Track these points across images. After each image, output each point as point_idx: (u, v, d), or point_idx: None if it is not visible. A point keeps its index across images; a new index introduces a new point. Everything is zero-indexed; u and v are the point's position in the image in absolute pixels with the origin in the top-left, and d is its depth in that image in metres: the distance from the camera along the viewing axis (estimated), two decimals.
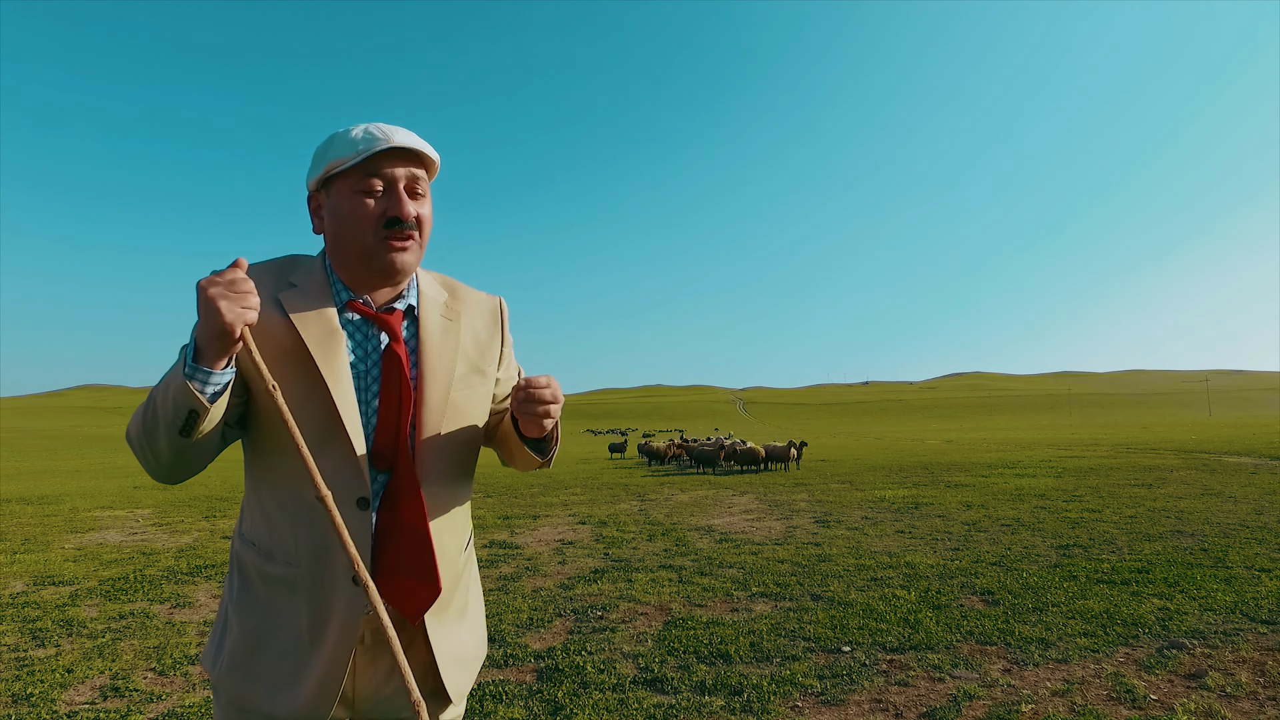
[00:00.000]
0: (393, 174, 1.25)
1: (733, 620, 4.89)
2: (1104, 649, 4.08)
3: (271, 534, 1.26)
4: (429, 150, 1.28)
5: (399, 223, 1.25)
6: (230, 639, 1.29)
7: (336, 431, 1.23)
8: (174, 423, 1.11)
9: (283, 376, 1.20)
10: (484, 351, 1.41)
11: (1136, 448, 25.45)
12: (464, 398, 1.34)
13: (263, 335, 1.20)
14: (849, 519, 9.71)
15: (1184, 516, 8.99)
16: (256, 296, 1.12)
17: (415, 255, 1.29)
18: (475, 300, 1.45)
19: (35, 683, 3.90)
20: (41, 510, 12.38)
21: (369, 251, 1.25)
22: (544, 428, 1.30)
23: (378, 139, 1.23)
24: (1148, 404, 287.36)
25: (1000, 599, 5.24)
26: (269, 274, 1.29)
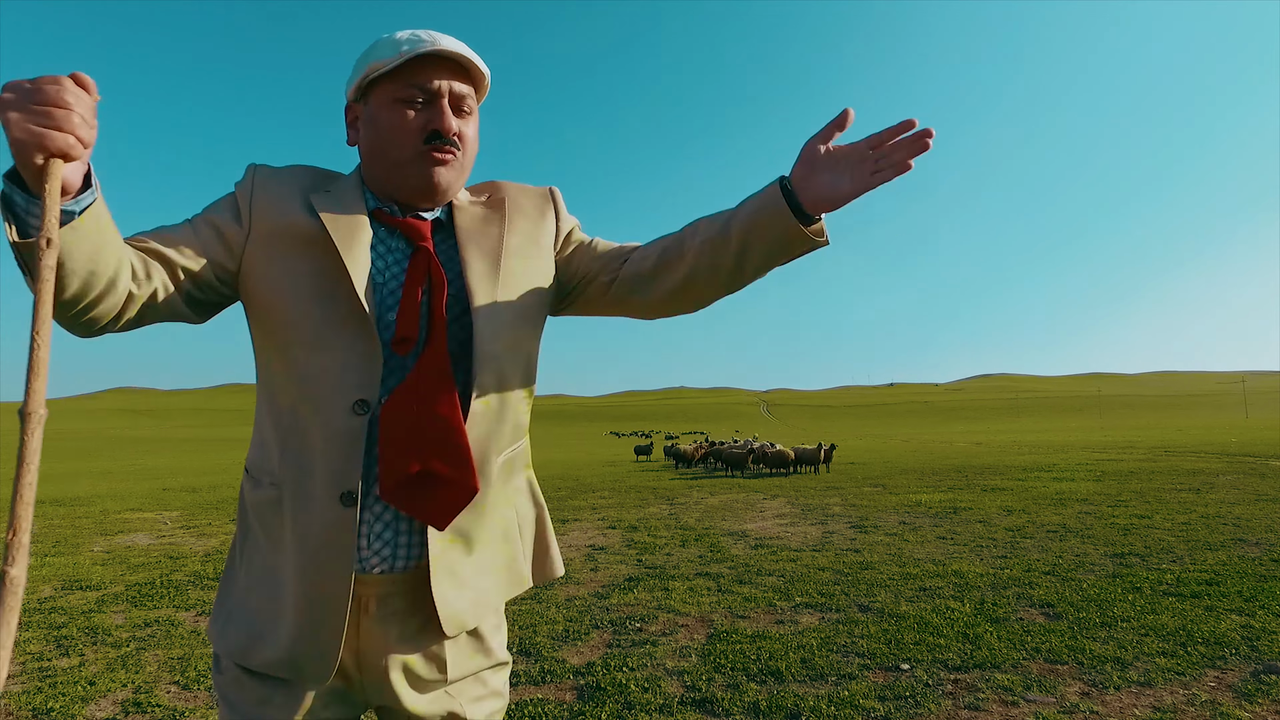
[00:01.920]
0: (437, 85, 1.13)
1: (779, 633, 4.64)
2: (1189, 671, 3.76)
3: (263, 454, 1.13)
4: (478, 62, 1.15)
5: (440, 137, 1.13)
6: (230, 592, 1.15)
7: (346, 325, 1.08)
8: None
9: (302, 271, 1.10)
10: (535, 231, 1.27)
11: (1175, 450, 24.73)
12: (520, 275, 1.20)
13: (286, 227, 1.12)
14: (886, 524, 9.40)
15: (1243, 524, 8.57)
16: (71, 117, 0.79)
17: (456, 173, 1.17)
18: (521, 190, 1.32)
19: (57, 695, 3.75)
20: (72, 512, 12.43)
21: (406, 164, 1.14)
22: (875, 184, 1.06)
23: (423, 42, 1.10)
24: (1181, 405, 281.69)
25: (1062, 612, 4.94)
26: (306, 175, 1.20)
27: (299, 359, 1.09)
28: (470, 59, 1.13)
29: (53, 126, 0.78)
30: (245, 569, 1.14)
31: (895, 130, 1.03)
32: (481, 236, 1.20)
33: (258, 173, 1.18)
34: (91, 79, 0.83)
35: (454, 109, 1.15)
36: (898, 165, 1.03)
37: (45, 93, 0.78)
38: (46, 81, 0.79)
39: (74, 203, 0.86)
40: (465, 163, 1.19)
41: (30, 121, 0.77)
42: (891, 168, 1.03)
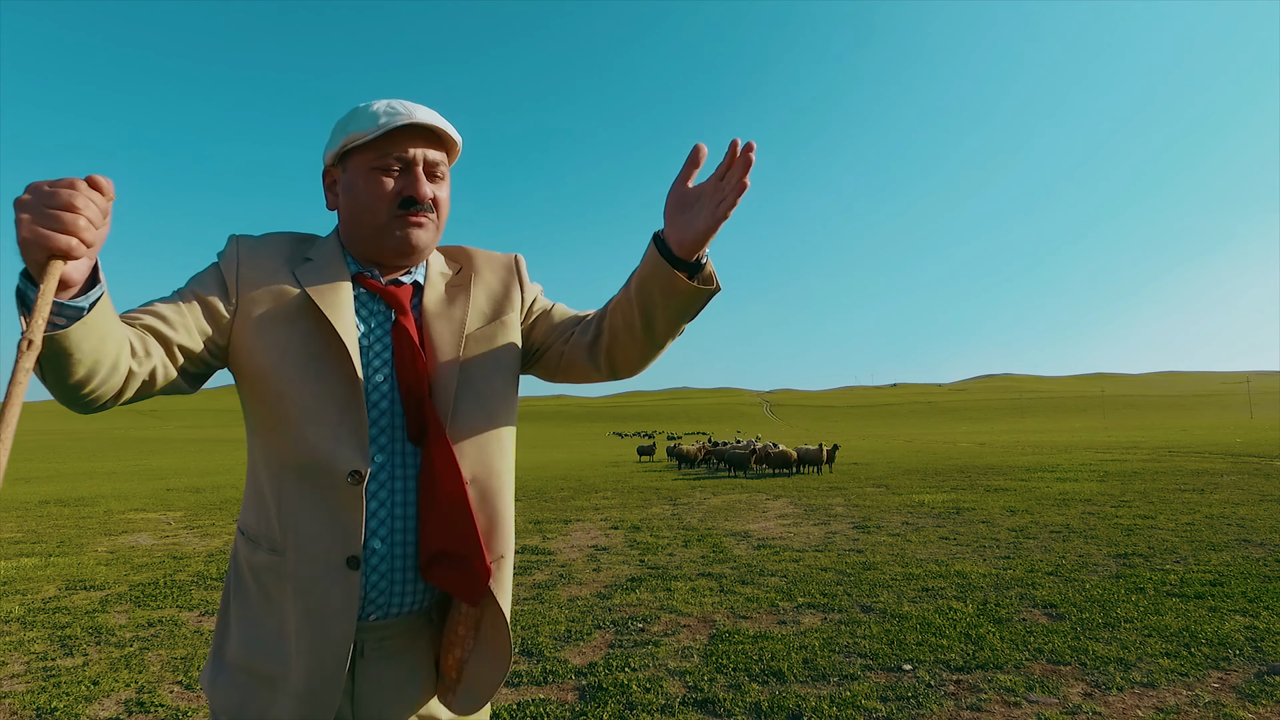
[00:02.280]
0: (411, 154, 1.19)
1: (781, 634, 4.63)
2: (1193, 672, 3.75)
3: (261, 519, 1.16)
4: (450, 131, 1.22)
5: (414, 203, 1.19)
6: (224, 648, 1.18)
7: (338, 396, 1.13)
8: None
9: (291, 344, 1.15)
10: (500, 303, 1.31)
11: (1179, 450, 24.66)
12: (483, 353, 1.25)
13: (273, 300, 1.16)
14: (889, 524, 9.39)
15: (1247, 524, 8.54)
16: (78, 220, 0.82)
17: (431, 235, 1.24)
18: (488, 260, 1.37)
19: (61, 695, 3.77)
20: (77, 512, 12.46)
21: (383, 228, 1.20)
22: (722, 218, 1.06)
23: (399, 114, 1.17)
24: (1185, 405, 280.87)
25: (1065, 613, 4.93)
26: (287, 244, 1.25)
27: (293, 431, 1.12)
28: (443, 128, 1.20)
29: (57, 229, 0.81)
30: (241, 628, 1.16)
31: (728, 156, 1.06)
32: (448, 311, 1.25)
33: (240, 245, 1.22)
34: (108, 180, 0.87)
35: (428, 175, 1.22)
36: (736, 187, 1.05)
37: (58, 196, 0.82)
38: (62, 185, 0.83)
39: (84, 299, 0.89)
40: (439, 224, 1.26)
41: (37, 223, 0.81)
42: (733, 191, 1.05)
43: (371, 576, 1.14)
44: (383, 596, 1.15)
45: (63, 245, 0.82)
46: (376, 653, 1.17)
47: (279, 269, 1.20)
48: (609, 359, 1.26)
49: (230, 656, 1.16)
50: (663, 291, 1.12)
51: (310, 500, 1.12)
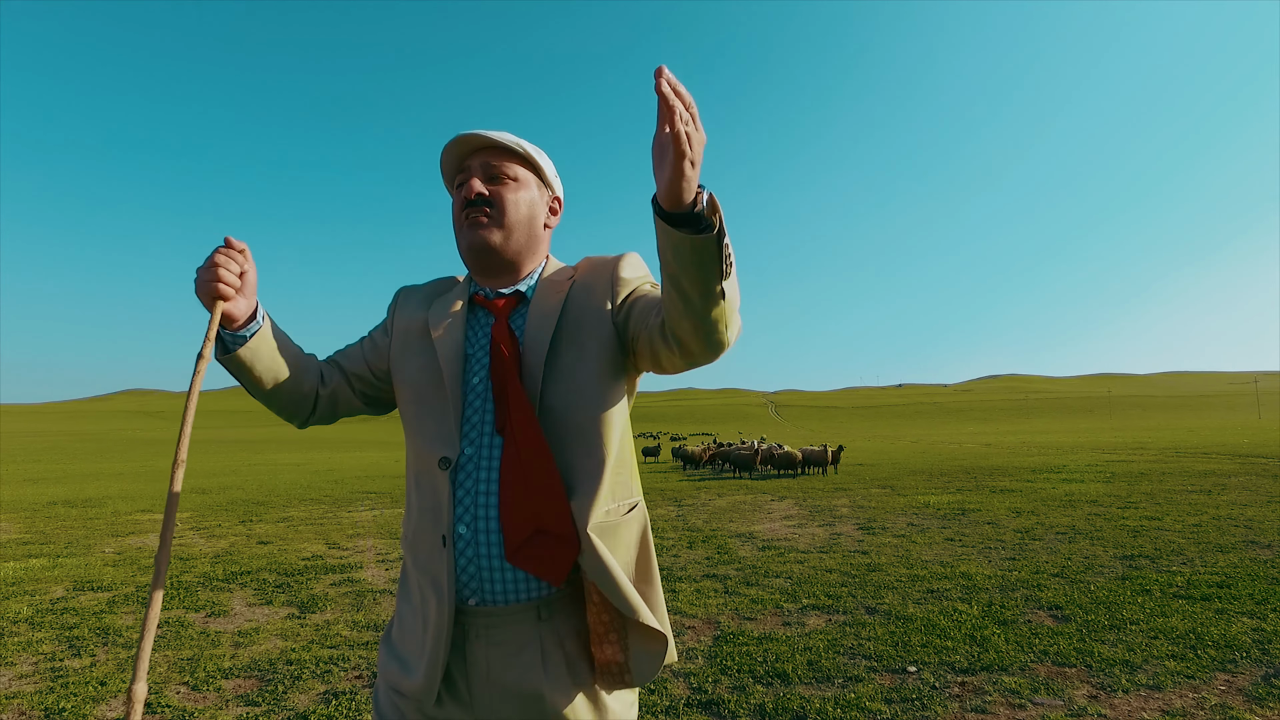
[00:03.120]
0: (468, 163, 1.34)
1: (786, 635, 4.63)
2: (1199, 674, 3.74)
3: (406, 514, 1.34)
4: (490, 135, 1.31)
5: (469, 203, 1.31)
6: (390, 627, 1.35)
7: (437, 399, 1.29)
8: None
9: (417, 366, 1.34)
10: (596, 307, 1.32)
11: (1186, 451, 24.55)
12: (569, 353, 1.28)
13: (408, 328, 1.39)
14: (894, 526, 9.38)
15: (1255, 526, 8.50)
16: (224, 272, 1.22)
17: (493, 233, 1.31)
18: (596, 262, 1.40)
19: (69, 696, 3.79)
20: (85, 513, 12.52)
21: (459, 236, 1.35)
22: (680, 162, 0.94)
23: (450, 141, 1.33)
24: (1192, 406, 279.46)
25: (1070, 615, 4.91)
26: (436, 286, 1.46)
27: (412, 429, 1.32)
28: (486, 136, 1.31)
29: (210, 279, 1.22)
30: (399, 611, 1.32)
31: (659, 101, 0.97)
32: (543, 317, 1.31)
33: (400, 293, 1.48)
34: (241, 242, 1.27)
35: (487, 178, 1.33)
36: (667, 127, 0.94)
37: (209, 259, 1.24)
38: (215, 251, 1.25)
39: (245, 330, 1.28)
40: (506, 221, 1.32)
41: (200, 278, 1.23)
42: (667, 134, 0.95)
43: (459, 560, 1.21)
44: (474, 581, 1.21)
45: (214, 290, 1.21)
46: (484, 640, 1.21)
47: (419, 306, 1.42)
48: (675, 337, 1.15)
49: (394, 630, 1.31)
50: (670, 250, 1.03)
51: (419, 492, 1.28)
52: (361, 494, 15.52)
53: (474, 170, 1.33)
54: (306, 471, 24.17)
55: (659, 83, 0.93)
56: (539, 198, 1.38)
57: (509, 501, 1.19)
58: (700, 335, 1.11)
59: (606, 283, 1.33)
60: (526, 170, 1.36)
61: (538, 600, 1.21)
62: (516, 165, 1.35)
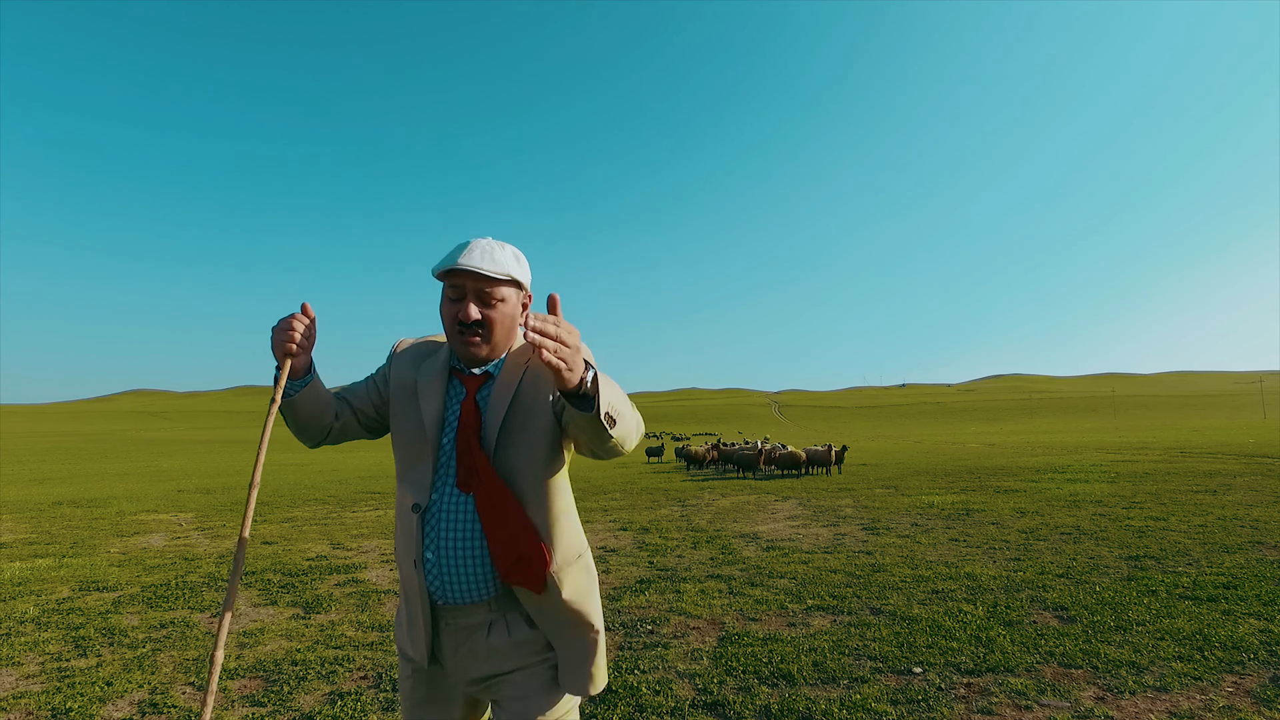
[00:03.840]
0: (464, 285, 1.57)
1: (791, 636, 4.63)
2: (1207, 676, 3.73)
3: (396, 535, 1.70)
4: (493, 272, 1.54)
5: (463, 325, 1.58)
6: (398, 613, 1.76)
7: (420, 456, 1.63)
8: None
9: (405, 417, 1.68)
10: (541, 393, 1.61)
11: (1191, 451, 24.48)
12: (521, 423, 1.60)
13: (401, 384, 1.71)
14: (898, 526, 9.36)
15: (1261, 526, 8.47)
16: (298, 335, 1.57)
17: (485, 349, 1.61)
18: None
19: (75, 696, 3.80)
20: (90, 514, 12.55)
21: (452, 341, 1.63)
22: (560, 372, 1.31)
23: (455, 259, 1.55)
24: (1196, 406, 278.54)
25: (1076, 615, 4.90)
26: (424, 347, 1.78)
27: (401, 475, 1.67)
28: (483, 271, 1.53)
29: (283, 340, 1.56)
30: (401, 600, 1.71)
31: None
32: (502, 393, 1.61)
33: (396, 349, 1.79)
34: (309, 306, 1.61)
35: (480, 301, 1.58)
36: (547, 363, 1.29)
37: (283, 322, 1.58)
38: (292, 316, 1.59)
39: (301, 381, 1.63)
40: (495, 338, 1.61)
41: (275, 339, 1.57)
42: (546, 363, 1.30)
43: (429, 575, 1.60)
44: (439, 590, 1.59)
45: (285, 349, 1.56)
46: (452, 626, 1.62)
47: (411, 366, 1.72)
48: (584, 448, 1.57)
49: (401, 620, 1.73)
50: (568, 418, 1.49)
51: (400, 524, 1.66)
52: (365, 494, 15.54)
53: (468, 293, 1.57)
54: (310, 472, 24.20)
55: (526, 333, 1.25)
56: (517, 306, 1.65)
57: (494, 538, 1.54)
58: (602, 456, 1.54)
59: (549, 378, 1.60)
60: (510, 288, 1.61)
61: (488, 599, 1.60)
62: (503, 288, 1.59)
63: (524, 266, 1.65)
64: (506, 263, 1.58)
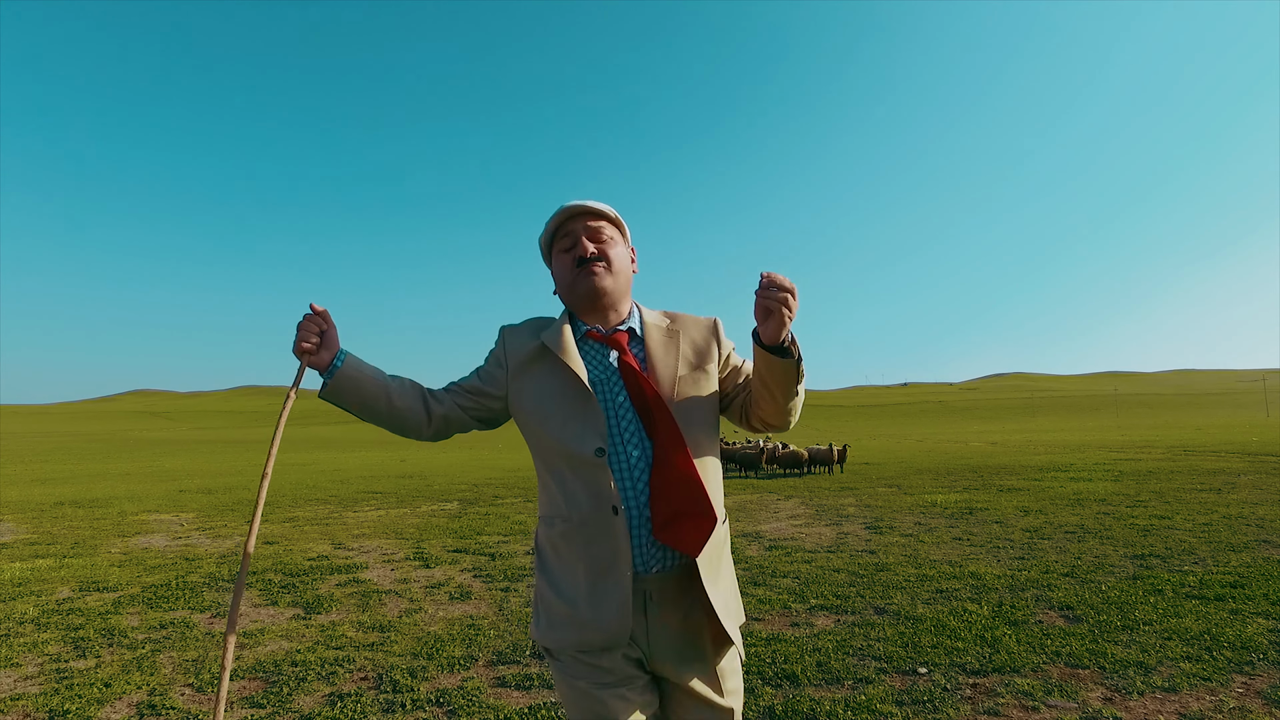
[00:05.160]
0: (575, 229, 1.66)
1: (794, 636, 4.59)
2: (1216, 677, 3.68)
3: (550, 501, 1.60)
4: (598, 205, 1.66)
5: (583, 259, 1.63)
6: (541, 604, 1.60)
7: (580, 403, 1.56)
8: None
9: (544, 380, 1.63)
10: (703, 355, 1.68)
11: (1195, 450, 24.40)
12: (690, 385, 1.62)
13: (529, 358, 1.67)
14: (901, 525, 9.32)
15: (1266, 524, 8.42)
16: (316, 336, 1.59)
17: (606, 280, 1.64)
18: (693, 321, 1.75)
19: (73, 697, 3.77)
20: (91, 514, 12.54)
21: (574, 284, 1.65)
22: (782, 320, 1.43)
23: (559, 210, 1.66)
24: (1199, 404, 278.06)
25: (1082, 615, 4.86)
26: (536, 322, 1.75)
27: (554, 435, 1.57)
28: (589, 206, 1.65)
29: (301, 339, 1.58)
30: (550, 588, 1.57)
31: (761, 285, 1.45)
32: (665, 355, 1.65)
33: (505, 331, 1.75)
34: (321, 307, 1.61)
35: (592, 239, 1.65)
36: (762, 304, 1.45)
37: (301, 323, 1.60)
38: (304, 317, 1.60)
39: (327, 373, 1.60)
40: (615, 272, 1.65)
41: (297, 338, 1.59)
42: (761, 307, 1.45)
43: (643, 537, 1.51)
44: (658, 551, 1.51)
45: (302, 347, 1.58)
46: (660, 597, 1.53)
47: (531, 338, 1.70)
48: (759, 417, 1.65)
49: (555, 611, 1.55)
50: (765, 368, 1.54)
51: (579, 476, 1.54)
52: (367, 494, 15.53)
53: (580, 233, 1.64)
54: (312, 471, 24.20)
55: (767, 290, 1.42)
56: (627, 252, 1.72)
57: (657, 489, 1.50)
58: (778, 418, 1.62)
59: (711, 340, 1.72)
60: (616, 231, 1.70)
61: (682, 567, 1.54)
62: (610, 227, 1.68)
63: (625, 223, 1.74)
64: (607, 207, 1.68)
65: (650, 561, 1.52)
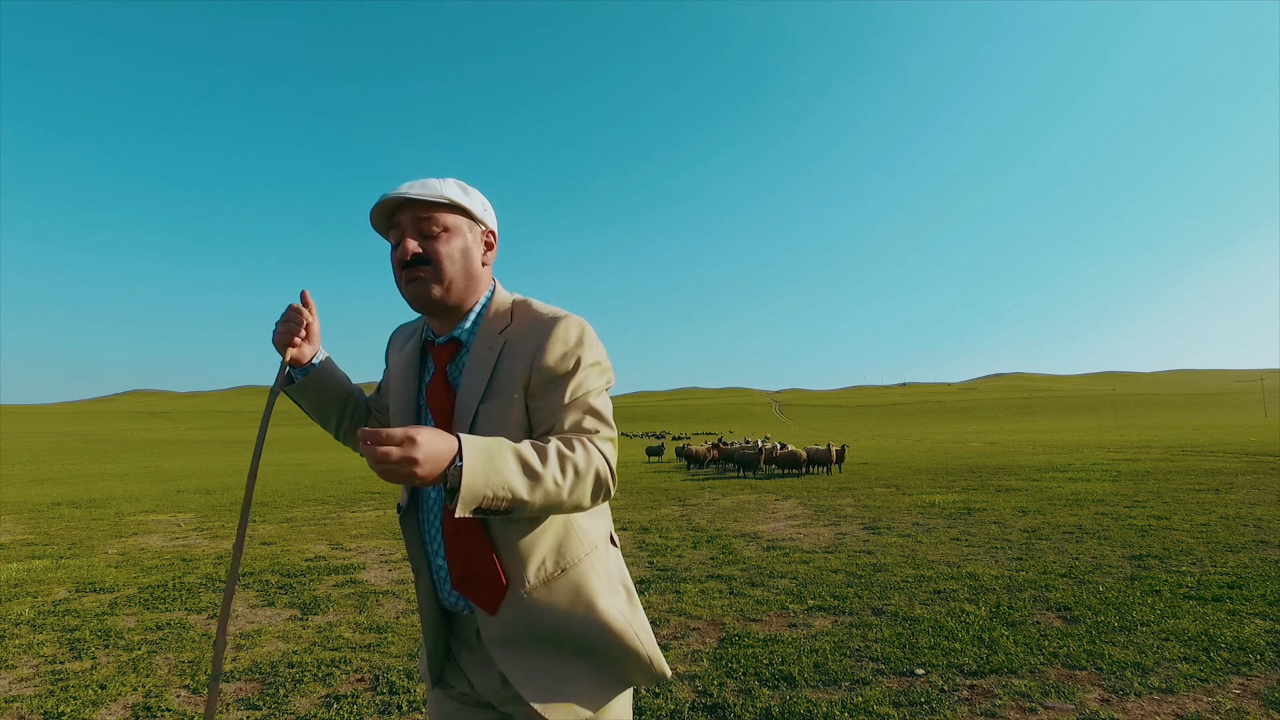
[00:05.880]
0: (400, 221, 1.39)
1: (792, 637, 4.58)
2: (1213, 678, 3.68)
3: None
4: (419, 194, 1.35)
5: (405, 262, 1.36)
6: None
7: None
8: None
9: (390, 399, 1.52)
10: (520, 368, 1.37)
11: (1193, 450, 24.43)
12: (496, 415, 1.36)
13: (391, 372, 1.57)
14: (899, 525, 9.32)
15: (1264, 525, 8.43)
16: (297, 326, 1.48)
17: (431, 287, 1.37)
18: (535, 321, 1.41)
19: (68, 699, 3.75)
20: (88, 514, 12.52)
21: (404, 295, 1.41)
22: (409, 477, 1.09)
23: (379, 202, 1.37)
24: (1197, 404, 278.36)
25: (1080, 616, 4.86)
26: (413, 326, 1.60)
27: None
28: (411, 195, 1.34)
29: (283, 332, 1.48)
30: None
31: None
32: (476, 374, 1.39)
33: (392, 336, 1.65)
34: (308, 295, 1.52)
35: (419, 234, 1.37)
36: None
37: (284, 315, 1.49)
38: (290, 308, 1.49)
39: (302, 370, 1.53)
40: (443, 275, 1.38)
41: (277, 330, 1.48)
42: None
43: (445, 585, 1.41)
44: (460, 601, 1.40)
45: (284, 341, 1.48)
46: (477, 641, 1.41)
47: (397, 350, 1.58)
48: None
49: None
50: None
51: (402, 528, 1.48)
52: (365, 494, 15.50)
53: (405, 228, 1.37)
54: (309, 472, 24.17)
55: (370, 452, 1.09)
56: (473, 240, 1.43)
57: (448, 545, 1.36)
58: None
59: (528, 357, 1.36)
60: (456, 216, 1.40)
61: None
62: (446, 215, 1.38)
63: (474, 198, 1.44)
64: (444, 188, 1.38)
65: (460, 603, 1.40)
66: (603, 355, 1.42)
